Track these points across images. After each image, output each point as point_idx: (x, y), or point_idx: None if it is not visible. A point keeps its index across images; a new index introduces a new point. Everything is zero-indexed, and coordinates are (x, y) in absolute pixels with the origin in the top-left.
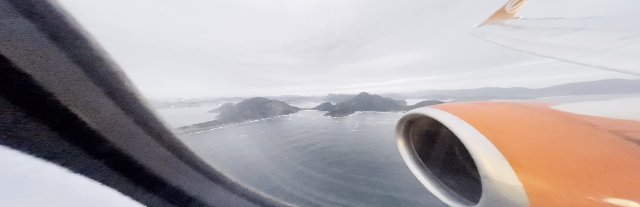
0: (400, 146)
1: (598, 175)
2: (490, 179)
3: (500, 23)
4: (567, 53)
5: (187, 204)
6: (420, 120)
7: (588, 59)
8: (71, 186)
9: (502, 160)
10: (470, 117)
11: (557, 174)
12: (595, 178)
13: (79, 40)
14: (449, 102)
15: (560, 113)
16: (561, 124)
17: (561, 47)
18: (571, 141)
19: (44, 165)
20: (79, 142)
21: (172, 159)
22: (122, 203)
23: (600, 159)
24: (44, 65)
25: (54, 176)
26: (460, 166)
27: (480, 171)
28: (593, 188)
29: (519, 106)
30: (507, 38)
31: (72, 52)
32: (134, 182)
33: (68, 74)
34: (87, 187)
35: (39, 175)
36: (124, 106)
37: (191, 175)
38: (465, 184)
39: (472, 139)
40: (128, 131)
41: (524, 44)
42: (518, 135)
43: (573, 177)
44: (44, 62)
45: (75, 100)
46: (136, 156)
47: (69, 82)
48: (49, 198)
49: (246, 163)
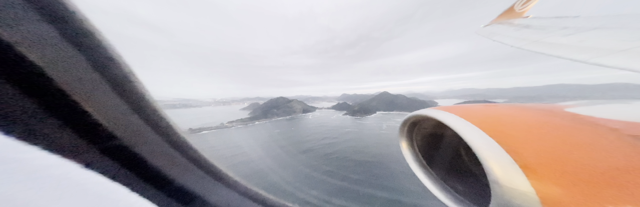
0: (404, 148)
1: (618, 182)
2: (500, 185)
3: (509, 22)
4: (580, 53)
5: (191, 202)
6: (424, 122)
7: (605, 60)
8: (84, 181)
9: (513, 165)
10: (477, 119)
11: (573, 181)
12: (614, 185)
13: (95, 43)
14: (503, 103)
15: (575, 116)
16: (577, 127)
17: (574, 47)
18: (588, 145)
19: (60, 161)
20: (92, 139)
21: (178, 157)
22: (131, 200)
23: (620, 165)
24: (64, 67)
25: (69, 171)
26: (466, 169)
27: (488, 176)
28: (612, 196)
29: (530, 108)
30: (516, 38)
31: (89, 54)
32: (142, 179)
33: (85, 75)
34: (99, 183)
35: (56, 170)
36: (133, 105)
37: (195, 173)
38: (471, 188)
39: (479, 142)
40: (136, 129)
41: (534, 44)
42: (529, 138)
43: (591, 184)
44: (64, 64)
45: (90, 100)
46: (143, 154)
47: (86, 83)
48: (65, 193)
49: (295, 152)
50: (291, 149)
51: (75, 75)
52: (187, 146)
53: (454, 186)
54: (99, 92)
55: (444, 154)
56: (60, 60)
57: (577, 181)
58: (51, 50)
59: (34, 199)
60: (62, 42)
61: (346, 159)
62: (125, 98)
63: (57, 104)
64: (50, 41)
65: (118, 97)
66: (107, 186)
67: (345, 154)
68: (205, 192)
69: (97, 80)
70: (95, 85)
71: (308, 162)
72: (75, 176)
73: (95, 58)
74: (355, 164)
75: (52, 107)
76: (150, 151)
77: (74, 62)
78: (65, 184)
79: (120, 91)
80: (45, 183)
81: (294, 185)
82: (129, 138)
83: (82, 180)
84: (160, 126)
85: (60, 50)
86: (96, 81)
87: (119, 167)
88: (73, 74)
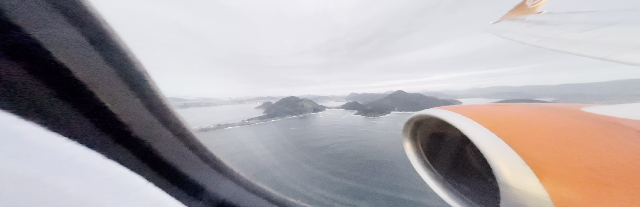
0: (407, 148)
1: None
2: (510, 187)
3: (520, 18)
4: (599, 50)
5: (198, 193)
6: (429, 121)
7: (627, 57)
8: (107, 170)
9: (523, 166)
10: (485, 119)
11: (590, 184)
12: (635, 189)
13: (113, 44)
14: (551, 102)
15: (593, 116)
16: (594, 128)
17: (592, 43)
18: (607, 146)
19: (86, 151)
20: (111, 132)
21: (186, 151)
22: (149, 189)
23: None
24: (87, 66)
25: (95, 161)
26: (473, 170)
27: (497, 178)
28: (633, 201)
29: (543, 108)
30: (527, 35)
31: (107, 54)
32: (156, 171)
33: (105, 73)
34: (119, 173)
35: (84, 160)
36: (146, 102)
37: (201, 166)
38: (478, 190)
39: (487, 142)
40: (150, 125)
41: (548, 41)
42: (541, 139)
43: (609, 187)
44: (87, 63)
45: (108, 96)
46: (156, 147)
47: (106, 80)
48: (92, 180)
49: (317, 147)
50: (311, 145)
51: (97, 74)
52: (195, 141)
53: (460, 187)
54: (117, 90)
55: (449, 155)
56: (83, 60)
57: (595, 184)
58: (75, 50)
59: (66, 184)
60: (85, 43)
61: (362, 158)
62: (140, 96)
63: (82, 101)
64: (74, 42)
65: (132, 93)
66: (126, 175)
67: (362, 154)
68: (207, 183)
69: (114, 79)
70: (112, 84)
71: (323, 160)
72: (99, 165)
73: (113, 58)
74: (374, 164)
75: (78, 104)
76: (160, 144)
77: (94, 62)
78: (92, 171)
79: (136, 89)
80: (77, 171)
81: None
82: (142, 133)
83: (105, 169)
84: (170, 122)
85: (82, 51)
86: (113, 80)
87: (134, 159)
88: (94, 73)
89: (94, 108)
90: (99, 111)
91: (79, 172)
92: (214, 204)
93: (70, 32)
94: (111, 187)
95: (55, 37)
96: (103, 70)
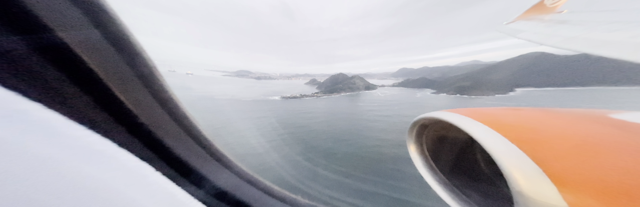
0: (412, 152)
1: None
2: (525, 196)
3: (539, 18)
4: (634, 51)
5: (200, 184)
6: (435, 125)
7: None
8: (121, 158)
9: (541, 175)
10: (497, 123)
11: (615, 195)
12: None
13: (128, 44)
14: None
15: (622, 122)
16: (627, 137)
17: (626, 43)
18: (637, 156)
19: (102, 140)
20: (125, 124)
21: (192, 144)
22: (157, 176)
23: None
24: (108, 65)
25: (110, 148)
26: (484, 177)
27: (511, 187)
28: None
29: (565, 113)
30: (548, 35)
31: (123, 52)
32: (165, 162)
33: (121, 71)
34: (131, 160)
35: (100, 147)
36: (157, 96)
37: (206, 158)
38: (489, 197)
39: (499, 148)
40: (161, 118)
41: (571, 41)
42: (561, 146)
43: (637, 200)
44: (109, 63)
45: (124, 92)
46: (165, 140)
47: (122, 78)
48: (107, 164)
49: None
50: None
51: (117, 73)
52: (200, 134)
53: (469, 194)
54: (131, 87)
55: (457, 160)
56: (105, 60)
57: (621, 195)
58: (96, 51)
59: (98, 173)
60: (105, 44)
61: None
62: (151, 90)
63: (103, 96)
64: (96, 43)
65: (145, 89)
66: (136, 163)
67: None
68: (210, 175)
69: (129, 77)
70: (128, 81)
71: None
72: (113, 152)
73: (129, 57)
74: None
75: (97, 98)
76: (169, 136)
77: (114, 61)
78: (115, 161)
79: (146, 84)
80: (110, 161)
81: None
82: (153, 126)
83: (118, 156)
84: (178, 116)
85: (102, 51)
86: (128, 77)
87: (144, 149)
88: (114, 71)
89: (110, 103)
90: (114, 105)
91: (96, 157)
92: (213, 193)
93: (93, 33)
94: (123, 173)
95: (79, 38)
96: (120, 68)
